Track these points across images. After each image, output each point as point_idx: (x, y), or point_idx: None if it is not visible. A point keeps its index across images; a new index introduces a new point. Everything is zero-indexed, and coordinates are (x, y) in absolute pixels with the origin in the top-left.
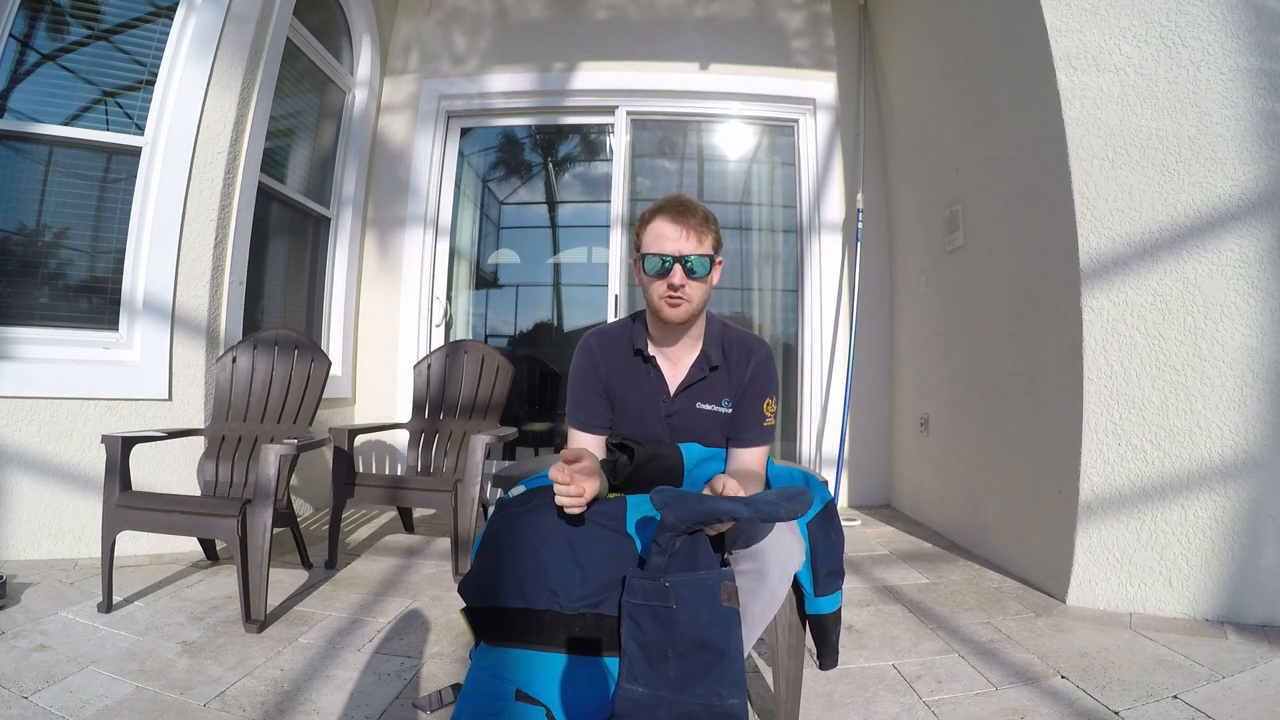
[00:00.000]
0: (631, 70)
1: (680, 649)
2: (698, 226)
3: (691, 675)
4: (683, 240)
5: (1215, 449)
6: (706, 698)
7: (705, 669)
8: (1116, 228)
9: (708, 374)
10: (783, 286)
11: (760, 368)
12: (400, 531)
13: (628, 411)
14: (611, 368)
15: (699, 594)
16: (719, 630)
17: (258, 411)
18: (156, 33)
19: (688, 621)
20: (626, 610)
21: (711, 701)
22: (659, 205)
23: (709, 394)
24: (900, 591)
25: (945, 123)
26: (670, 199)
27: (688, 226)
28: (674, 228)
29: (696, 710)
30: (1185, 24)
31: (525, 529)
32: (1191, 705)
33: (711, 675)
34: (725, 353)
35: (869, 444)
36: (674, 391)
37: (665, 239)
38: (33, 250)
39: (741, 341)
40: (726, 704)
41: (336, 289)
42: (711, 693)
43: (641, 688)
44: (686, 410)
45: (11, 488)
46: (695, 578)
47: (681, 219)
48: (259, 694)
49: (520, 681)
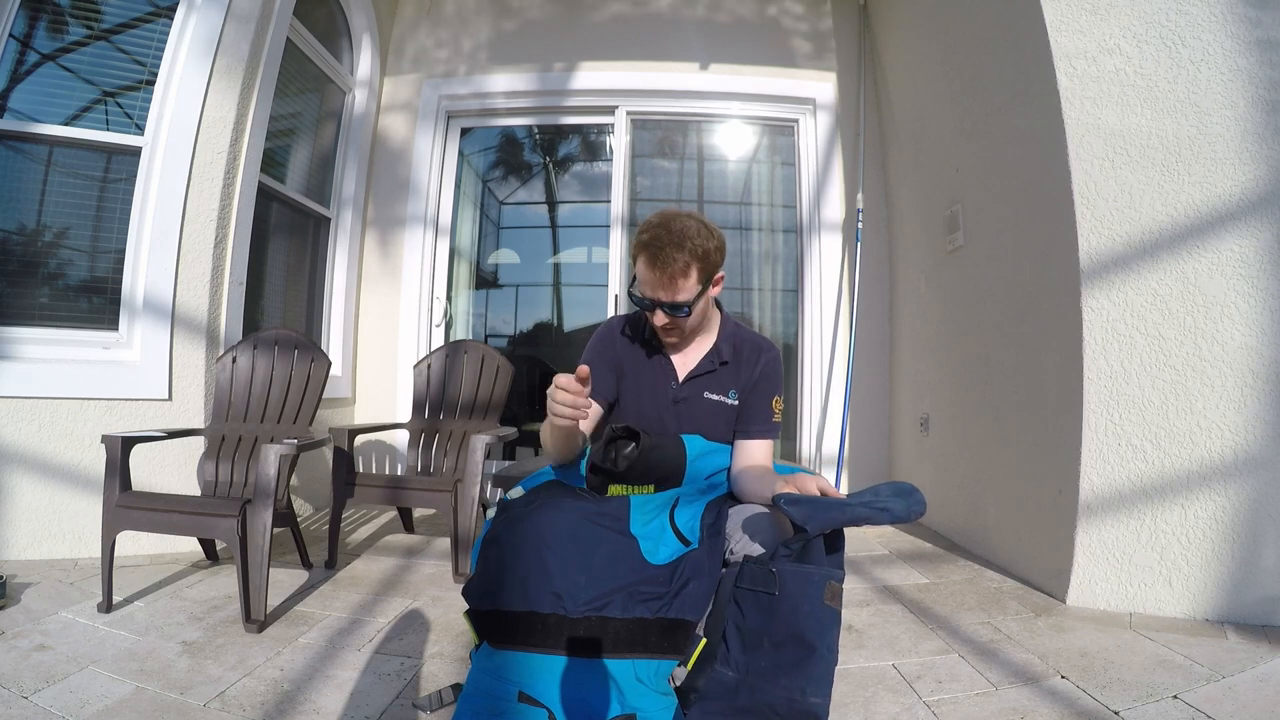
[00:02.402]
0: (631, 70)
1: (776, 638)
2: (678, 275)
3: (780, 666)
4: (660, 289)
5: (1215, 449)
6: (790, 690)
7: (794, 663)
8: (1116, 227)
9: (717, 367)
10: (783, 286)
11: (769, 366)
12: (400, 531)
13: (637, 395)
14: (626, 349)
15: (802, 586)
16: (815, 626)
17: (258, 411)
18: (156, 33)
19: (787, 611)
20: (737, 595)
21: (794, 695)
22: (645, 241)
23: (717, 385)
24: (900, 591)
25: (945, 122)
26: (653, 234)
27: (665, 275)
28: (651, 274)
29: (778, 702)
30: (1185, 24)
31: (529, 531)
32: (1191, 705)
33: (799, 670)
34: (736, 350)
35: (869, 444)
36: (683, 379)
37: (644, 282)
38: (33, 250)
39: (753, 342)
40: (808, 700)
41: (336, 289)
42: (795, 687)
43: (733, 672)
44: (694, 398)
45: (11, 488)
46: (802, 569)
47: (659, 268)
48: (259, 694)
49: (523, 683)
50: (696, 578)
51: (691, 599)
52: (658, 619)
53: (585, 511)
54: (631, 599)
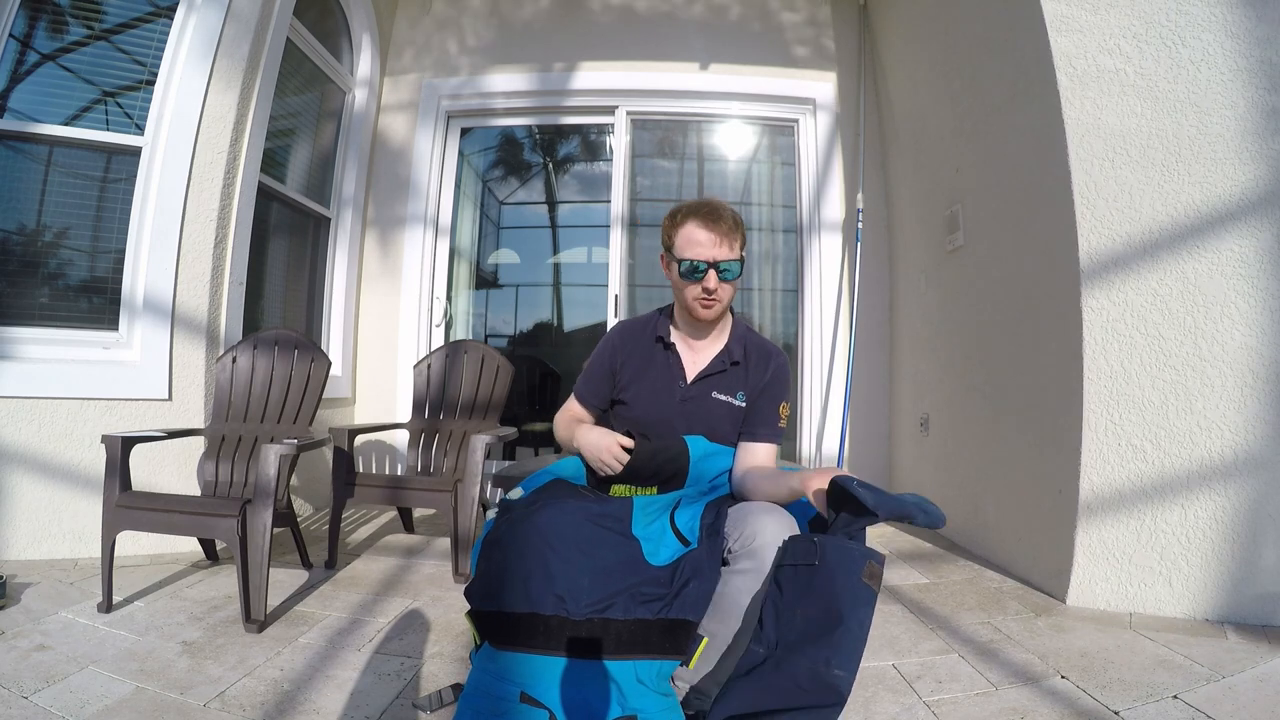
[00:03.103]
0: (631, 70)
1: (808, 609)
2: (729, 232)
3: (808, 635)
4: (716, 247)
5: (1215, 449)
6: (814, 661)
7: (822, 632)
8: (1116, 227)
9: (728, 368)
10: (783, 286)
11: (779, 372)
12: (400, 531)
13: (644, 394)
14: (630, 354)
15: (842, 559)
16: (849, 599)
17: (258, 411)
18: (156, 33)
19: (824, 581)
20: (775, 577)
21: (818, 667)
22: (691, 208)
23: (726, 386)
24: (900, 591)
25: (945, 122)
26: (700, 203)
27: (720, 233)
28: (707, 234)
29: (801, 674)
30: (1185, 24)
31: (531, 532)
32: (1191, 705)
33: (827, 640)
34: (746, 352)
35: (869, 444)
36: (691, 378)
37: (698, 244)
38: (33, 250)
39: (762, 346)
40: (832, 673)
41: (336, 289)
42: (820, 658)
43: (764, 649)
44: (702, 397)
45: (11, 488)
46: (844, 544)
47: (714, 225)
48: (259, 694)
49: (524, 684)
50: (696, 577)
51: (692, 599)
52: (659, 619)
53: (588, 513)
54: (634, 600)
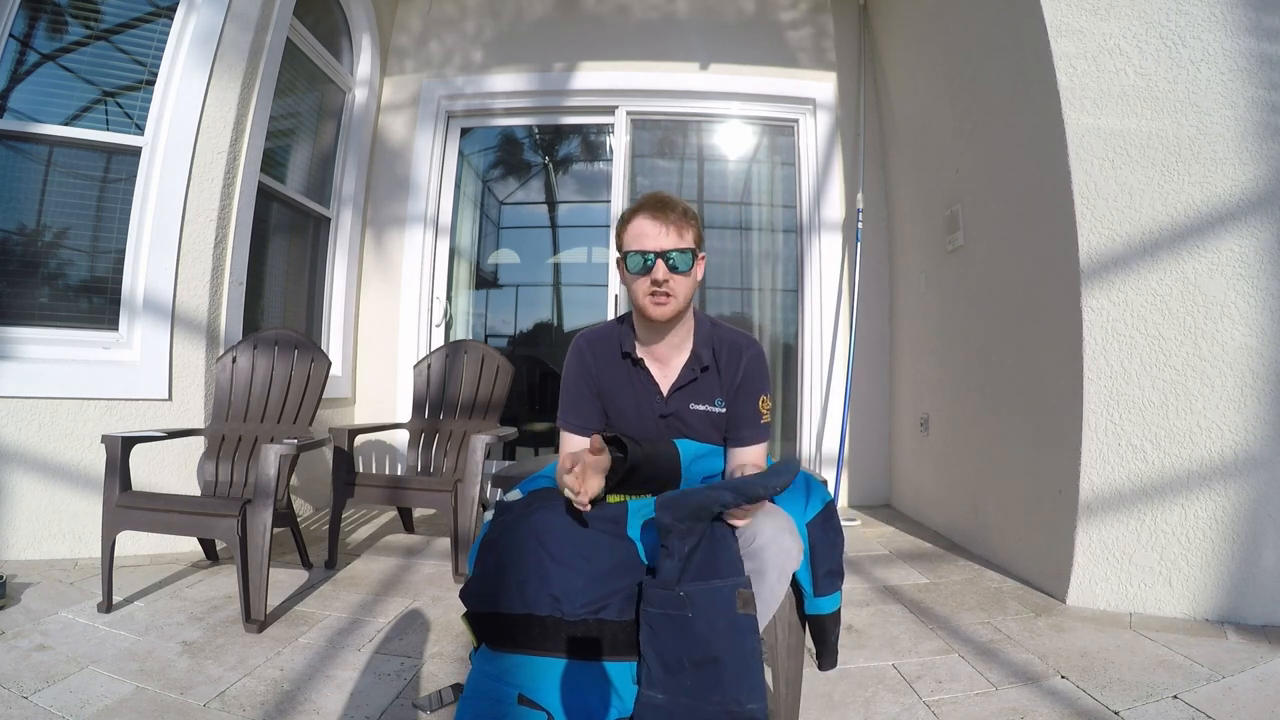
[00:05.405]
0: (631, 70)
1: (695, 658)
2: (677, 221)
3: (708, 684)
4: (663, 236)
5: (1215, 449)
6: (724, 704)
7: (720, 678)
8: (1116, 227)
9: (699, 375)
10: (783, 286)
11: (751, 366)
12: (400, 531)
13: (623, 414)
14: (603, 370)
15: (714, 602)
16: (735, 638)
17: (258, 411)
18: (156, 33)
19: (704, 631)
20: (645, 618)
21: (730, 708)
22: (638, 204)
23: (701, 395)
24: (900, 591)
25: (945, 123)
26: (649, 197)
27: (667, 222)
28: (654, 224)
29: (717, 717)
30: (1185, 24)
31: (526, 534)
32: (1191, 705)
33: (727, 682)
34: (716, 353)
35: (869, 444)
36: (667, 393)
37: (646, 236)
38: (33, 250)
39: (732, 341)
40: (745, 709)
41: (336, 289)
42: (729, 699)
43: (661, 694)
44: (681, 411)
45: (11, 488)
46: (710, 587)
47: (660, 215)
48: (259, 694)
49: (522, 686)
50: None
51: None
52: None
53: (583, 515)
54: (629, 601)
